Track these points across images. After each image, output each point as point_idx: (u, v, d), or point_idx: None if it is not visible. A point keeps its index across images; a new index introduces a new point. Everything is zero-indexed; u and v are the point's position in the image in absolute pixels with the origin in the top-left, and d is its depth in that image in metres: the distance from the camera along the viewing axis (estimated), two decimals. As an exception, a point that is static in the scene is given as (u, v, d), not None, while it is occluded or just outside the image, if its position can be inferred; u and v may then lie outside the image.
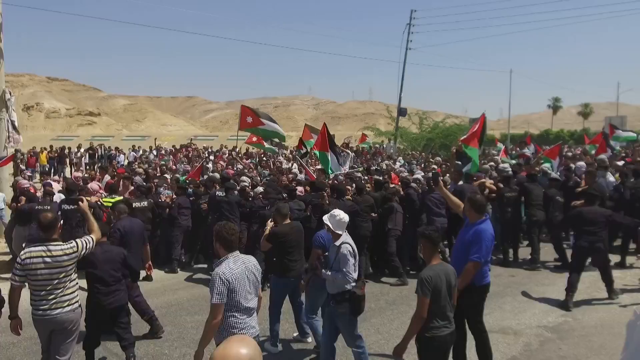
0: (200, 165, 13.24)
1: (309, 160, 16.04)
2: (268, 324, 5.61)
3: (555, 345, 5.75)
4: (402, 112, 28.04)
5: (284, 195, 8.67)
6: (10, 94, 12.03)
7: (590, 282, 7.86)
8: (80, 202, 4.93)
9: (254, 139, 14.70)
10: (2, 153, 12.42)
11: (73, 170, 21.75)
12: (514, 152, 14.14)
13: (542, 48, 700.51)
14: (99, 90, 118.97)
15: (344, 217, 4.77)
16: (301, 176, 11.93)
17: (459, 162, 12.04)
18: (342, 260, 4.58)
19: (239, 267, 3.73)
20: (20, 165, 17.44)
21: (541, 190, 9.37)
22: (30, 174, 15.22)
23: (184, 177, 11.78)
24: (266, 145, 15.19)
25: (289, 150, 22.97)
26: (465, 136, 9.96)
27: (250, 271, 3.82)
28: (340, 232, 4.73)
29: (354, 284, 4.58)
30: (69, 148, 24.40)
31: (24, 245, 6.01)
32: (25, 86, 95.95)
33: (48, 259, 3.93)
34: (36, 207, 7.96)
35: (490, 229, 4.73)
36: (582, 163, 12.11)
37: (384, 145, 27.75)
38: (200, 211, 9.23)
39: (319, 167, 12.84)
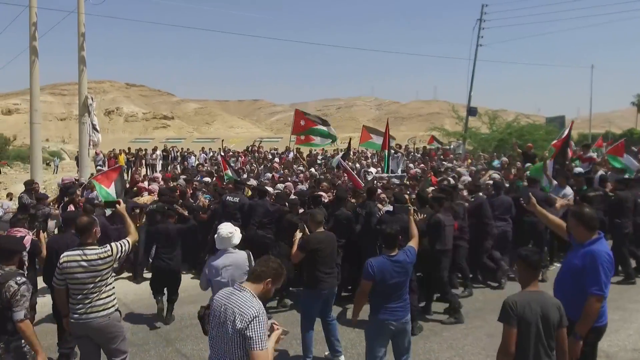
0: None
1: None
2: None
3: (657, 372, 5.10)
4: (472, 111, 26.71)
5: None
6: (92, 99, 12.86)
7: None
8: (117, 205, 4.87)
9: (302, 137, 14.53)
10: (85, 154, 13.38)
11: (148, 170, 22.92)
12: (577, 157, 12.72)
13: (625, 41, 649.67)
14: (172, 95, 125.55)
15: (225, 232, 4.21)
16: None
17: (529, 164, 11.28)
18: None
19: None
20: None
21: (635, 197, 8.38)
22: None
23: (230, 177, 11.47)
24: (316, 141, 14.90)
25: (352, 152, 22.75)
26: (555, 141, 9.43)
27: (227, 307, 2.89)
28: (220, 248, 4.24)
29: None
30: (145, 150, 25.75)
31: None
32: (107, 92, 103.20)
33: (84, 263, 3.92)
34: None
35: (606, 249, 3.72)
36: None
37: (451, 146, 26.70)
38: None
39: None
